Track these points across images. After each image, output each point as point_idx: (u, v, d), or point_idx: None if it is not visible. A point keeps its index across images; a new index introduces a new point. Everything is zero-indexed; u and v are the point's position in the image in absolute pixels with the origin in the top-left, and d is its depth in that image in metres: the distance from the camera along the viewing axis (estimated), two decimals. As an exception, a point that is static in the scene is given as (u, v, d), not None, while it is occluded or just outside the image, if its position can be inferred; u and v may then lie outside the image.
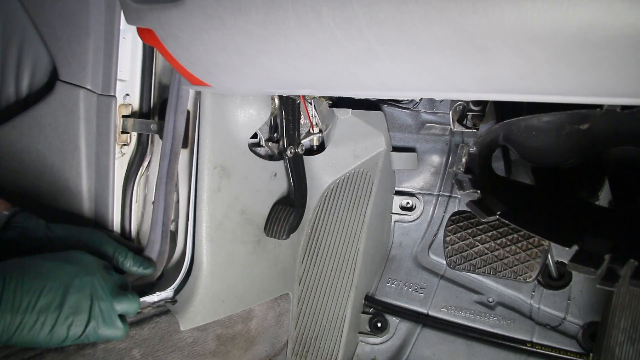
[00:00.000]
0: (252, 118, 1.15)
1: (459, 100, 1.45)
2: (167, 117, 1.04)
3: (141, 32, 0.83)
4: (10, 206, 0.94)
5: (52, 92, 1.02)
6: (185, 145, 1.11)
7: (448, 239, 1.25)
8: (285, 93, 1.16)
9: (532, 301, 1.43)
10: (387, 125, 1.61)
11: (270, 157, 1.28)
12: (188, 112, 1.11)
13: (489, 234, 1.21)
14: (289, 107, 1.24)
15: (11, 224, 0.91)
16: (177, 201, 1.14)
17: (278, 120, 1.24)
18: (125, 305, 0.80)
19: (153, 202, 1.19)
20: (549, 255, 1.32)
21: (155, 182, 1.21)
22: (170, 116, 1.04)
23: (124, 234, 1.15)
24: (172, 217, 1.14)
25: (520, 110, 1.12)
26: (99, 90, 1.04)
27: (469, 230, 1.23)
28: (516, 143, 1.20)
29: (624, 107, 0.98)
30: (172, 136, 1.04)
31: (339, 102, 1.47)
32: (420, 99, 1.56)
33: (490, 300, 1.48)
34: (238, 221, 1.16)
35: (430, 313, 1.52)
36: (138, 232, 1.19)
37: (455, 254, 1.23)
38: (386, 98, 1.57)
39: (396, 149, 1.63)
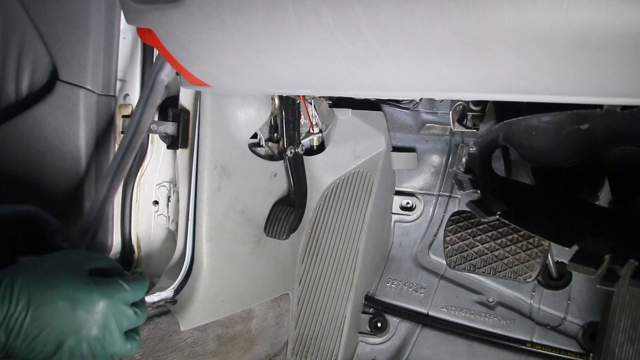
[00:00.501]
0: (252, 118, 1.15)
1: (459, 100, 1.45)
2: (135, 108, 0.99)
3: (141, 32, 0.83)
4: None
5: (52, 92, 1.02)
6: (185, 145, 1.11)
7: (448, 239, 1.25)
8: (285, 93, 1.16)
9: (532, 301, 1.43)
10: (387, 125, 1.61)
11: (270, 157, 1.28)
12: (188, 112, 1.11)
13: (489, 234, 1.21)
14: (289, 107, 1.24)
15: None
16: (177, 201, 1.14)
17: (278, 120, 1.24)
18: (122, 352, 0.76)
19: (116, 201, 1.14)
20: (549, 255, 1.32)
21: (155, 182, 1.21)
22: (139, 108, 0.98)
23: (124, 234, 1.15)
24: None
25: (520, 110, 1.12)
26: (99, 90, 1.04)
27: (469, 230, 1.23)
28: (516, 143, 1.20)
29: (624, 107, 0.98)
30: (134, 129, 0.98)
31: (339, 102, 1.47)
32: (420, 99, 1.56)
33: (490, 300, 1.48)
34: (238, 221, 1.16)
35: (430, 313, 1.52)
36: (137, 233, 1.19)
37: (455, 254, 1.23)
38: (386, 98, 1.57)
39: (396, 149, 1.63)
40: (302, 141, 1.33)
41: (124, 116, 1.12)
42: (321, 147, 1.47)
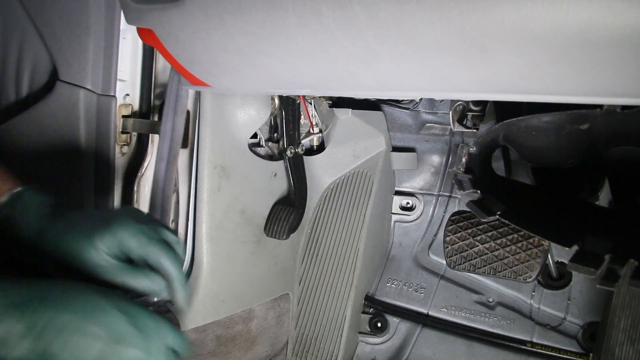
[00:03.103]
0: (252, 118, 1.15)
1: (459, 100, 1.45)
2: (164, 117, 1.02)
3: (141, 32, 0.83)
4: (19, 184, 0.81)
5: (52, 92, 1.02)
6: (185, 145, 1.11)
7: (448, 239, 1.25)
8: (285, 93, 1.16)
9: (532, 301, 1.43)
10: (387, 125, 1.61)
11: (270, 157, 1.28)
12: (188, 112, 1.11)
13: (489, 234, 1.21)
14: (289, 107, 1.24)
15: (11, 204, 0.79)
16: (177, 201, 1.14)
17: (278, 120, 1.24)
18: None
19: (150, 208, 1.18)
20: (549, 255, 1.32)
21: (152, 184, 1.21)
22: (169, 117, 1.02)
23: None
24: (172, 218, 1.13)
25: (520, 110, 1.12)
26: (99, 90, 1.04)
27: (469, 230, 1.23)
28: (516, 143, 1.20)
29: (624, 107, 0.98)
30: (170, 137, 1.02)
31: (339, 102, 1.47)
32: (420, 99, 1.56)
33: (490, 300, 1.48)
34: (238, 221, 1.16)
35: (430, 313, 1.52)
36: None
37: (455, 254, 1.23)
38: (386, 98, 1.57)
39: (396, 149, 1.63)
40: (302, 141, 1.33)
41: (124, 116, 1.12)
42: (321, 147, 1.47)
